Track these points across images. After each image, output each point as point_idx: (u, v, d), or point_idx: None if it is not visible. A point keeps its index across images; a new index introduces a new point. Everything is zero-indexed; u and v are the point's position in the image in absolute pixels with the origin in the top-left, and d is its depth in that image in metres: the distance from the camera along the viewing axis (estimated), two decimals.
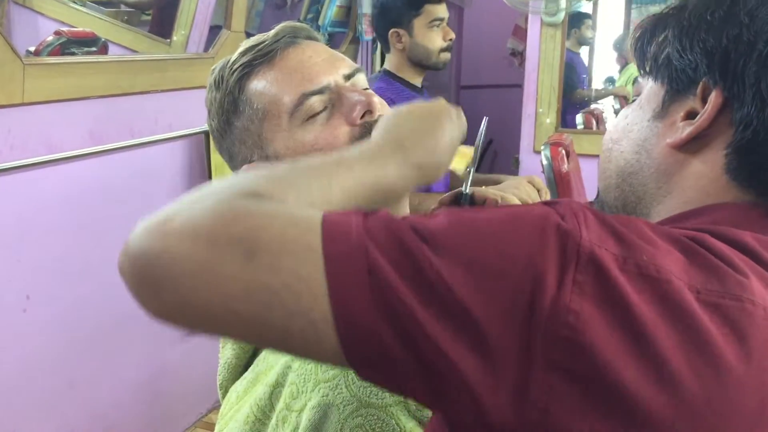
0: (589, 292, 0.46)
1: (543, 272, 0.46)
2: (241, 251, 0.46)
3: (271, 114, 0.80)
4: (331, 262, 0.46)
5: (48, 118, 1.86)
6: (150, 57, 2.31)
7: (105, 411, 2.16)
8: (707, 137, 0.59)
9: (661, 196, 0.63)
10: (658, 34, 0.64)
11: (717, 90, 0.58)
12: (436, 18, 2.13)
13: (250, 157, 0.83)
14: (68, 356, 2.01)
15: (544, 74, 3.09)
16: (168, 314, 0.48)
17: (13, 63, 1.70)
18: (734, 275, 0.50)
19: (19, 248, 1.83)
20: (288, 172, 0.56)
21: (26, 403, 1.89)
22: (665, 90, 0.63)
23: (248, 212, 0.48)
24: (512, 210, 0.51)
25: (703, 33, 0.59)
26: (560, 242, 0.47)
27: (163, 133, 2.27)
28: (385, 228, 0.48)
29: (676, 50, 0.61)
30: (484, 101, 4.71)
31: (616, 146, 0.67)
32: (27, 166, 1.81)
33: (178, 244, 0.47)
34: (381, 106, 0.83)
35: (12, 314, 1.83)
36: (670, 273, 0.48)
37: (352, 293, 0.46)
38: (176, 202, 0.50)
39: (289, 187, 0.54)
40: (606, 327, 0.45)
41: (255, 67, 0.81)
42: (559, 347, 0.45)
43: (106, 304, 2.12)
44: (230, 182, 0.52)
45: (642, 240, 0.50)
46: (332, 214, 0.49)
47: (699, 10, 0.61)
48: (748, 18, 0.57)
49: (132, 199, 2.19)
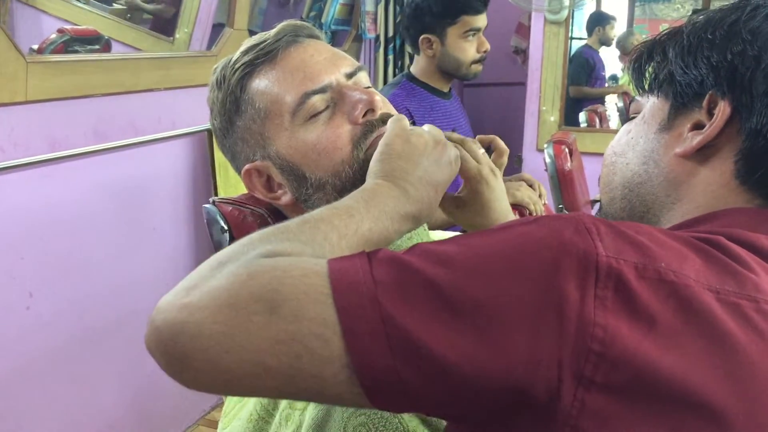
0: (611, 306, 0.47)
1: (564, 293, 0.47)
2: (264, 306, 0.48)
3: (273, 113, 0.80)
4: (344, 316, 0.48)
5: (51, 116, 1.86)
6: (153, 55, 2.32)
7: (108, 407, 2.17)
8: (715, 146, 0.62)
9: (670, 203, 0.65)
10: (656, 56, 0.67)
11: (725, 101, 0.61)
12: (471, 28, 1.96)
13: (252, 157, 0.83)
14: (71, 353, 2.01)
15: (547, 72, 3.08)
16: (201, 382, 0.50)
17: (16, 61, 1.70)
18: (750, 276, 0.52)
19: (23, 246, 1.83)
20: (299, 231, 0.58)
21: (29, 399, 1.89)
22: (670, 104, 0.65)
23: (264, 269, 0.50)
24: (524, 232, 0.51)
25: (706, 50, 0.62)
26: (577, 261, 0.48)
27: (167, 131, 2.28)
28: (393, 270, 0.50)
29: (680, 67, 0.64)
30: (488, 99, 4.71)
31: (621, 159, 0.69)
32: (30, 164, 1.82)
33: (200, 312, 0.49)
34: (383, 104, 0.82)
35: (15, 311, 1.83)
36: (688, 277, 0.49)
37: (369, 345, 0.47)
38: (195, 271, 0.53)
39: (301, 244, 0.56)
40: (635, 335, 0.47)
41: (257, 66, 0.81)
42: (591, 362, 0.46)
43: (109, 301, 2.12)
44: (243, 245, 0.55)
45: (657, 245, 0.51)
46: (338, 262, 0.51)
47: (698, 31, 0.64)
48: (750, 35, 0.60)
49: (135, 197, 2.19)
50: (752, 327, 0.49)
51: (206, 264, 0.53)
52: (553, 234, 0.50)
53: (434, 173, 0.70)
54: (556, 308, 0.47)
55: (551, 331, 0.47)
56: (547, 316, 0.47)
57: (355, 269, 0.50)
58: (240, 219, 0.86)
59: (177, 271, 2.42)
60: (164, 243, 2.34)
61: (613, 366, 0.46)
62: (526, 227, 0.52)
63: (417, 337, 0.47)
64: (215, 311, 0.48)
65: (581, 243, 0.48)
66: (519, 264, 0.49)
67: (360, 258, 0.51)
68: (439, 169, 0.71)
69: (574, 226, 0.50)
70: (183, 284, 0.52)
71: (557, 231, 0.50)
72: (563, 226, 0.50)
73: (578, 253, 0.48)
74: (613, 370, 0.46)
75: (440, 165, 0.71)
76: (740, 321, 0.49)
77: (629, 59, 0.71)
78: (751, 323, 0.50)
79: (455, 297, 0.48)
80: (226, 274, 0.50)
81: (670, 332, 0.47)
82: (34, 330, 1.89)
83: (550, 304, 0.47)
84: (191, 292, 0.50)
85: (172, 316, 0.50)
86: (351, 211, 0.62)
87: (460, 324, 0.47)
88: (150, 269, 2.28)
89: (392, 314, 0.47)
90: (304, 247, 0.56)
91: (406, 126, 0.73)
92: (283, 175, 0.82)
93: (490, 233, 0.53)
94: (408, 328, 0.47)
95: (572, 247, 0.48)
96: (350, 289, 0.49)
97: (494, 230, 0.53)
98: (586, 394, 0.46)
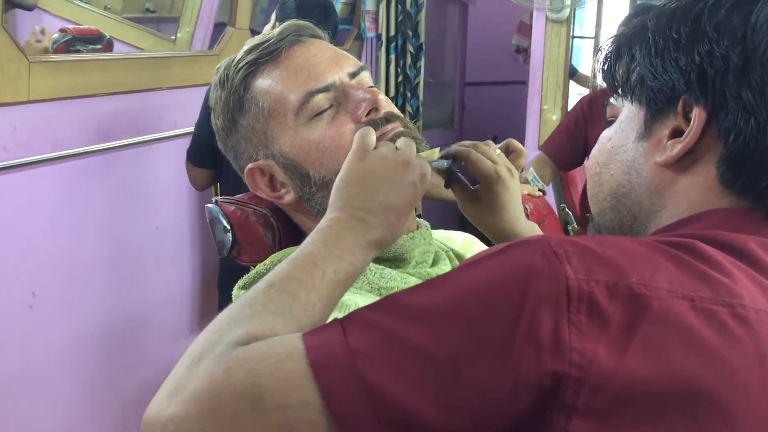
0: (586, 329, 0.47)
1: (538, 323, 0.47)
2: (246, 403, 0.48)
3: (276, 112, 0.80)
4: (329, 396, 0.48)
5: (53, 116, 1.86)
6: (155, 54, 2.32)
7: (111, 408, 2.17)
8: (696, 152, 0.59)
9: (656, 211, 0.63)
10: (624, 55, 0.64)
11: (699, 107, 0.58)
12: None
13: (256, 156, 0.83)
14: (74, 353, 2.01)
15: (549, 71, 3.08)
16: None
17: (18, 61, 1.70)
18: (722, 280, 0.51)
19: (25, 245, 1.83)
20: (267, 300, 0.57)
21: (32, 399, 1.90)
22: (645, 111, 0.63)
23: (239, 363, 0.50)
24: (493, 266, 0.52)
25: (673, 52, 0.59)
26: (547, 288, 0.48)
27: (168, 131, 2.27)
28: (369, 335, 0.50)
29: (649, 71, 0.61)
30: (489, 98, 4.70)
31: (605, 170, 0.67)
32: (33, 164, 1.81)
33: (186, 423, 0.49)
34: (387, 104, 0.83)
35: (18, 311, 1.83)
36: (661, 288, 0.49)
37: (357, 420, 0.48)
38: (174, 371, 0.53)
39: (272, 317, 0.55)
40: (613, 355, 0.47)
41: (260, 65, 0.81)
42: (571, 389, 0.46)
43: (112, 300, 2.12)
44: (214, 332, 0.55)
45: (627, 258, 0.51)
46: (313, 338, 0.51)
47: (662, 29, 0.61)
48: (716, 33, 0.57)
49: (138, 197, 2.19)
50: (729, 333, 0.49)
51: (183, 361, 0.53)
52: (521, 264, 0.50)
53: (395, 197, 0.67)
54: (532, 340, 0.47)
55: (530, 362, 0.47)
56: (524, 350, 0.47)
57: (331, 343, 0.50)
58: (243, 218, 0.87)
59: (180, 270, 2.42)
60: (167, 242, 2.34)
61: (592, 390, 0.46)
62: (495, 260, 0.52)
63: (402, 406, 0.47)
64: (200, 419, 0.49)
65: (549, 269, 0.49)
66: (491, 302, 0.49)
67: (334, 329, 0.51)
68: (400, 192, 0.67)
69: (541, 252, 0.50)
70: (165, 389, 0.52)
71: (525, 260, 0.50)
72: (530, 253, 0.50)
73: (548, 280, 0.48)
74: (594, 394, 0.46)
75: (402, 187, 0.68)
76: (717, 328, 0.49)
77: (597, 59, 0.68)
78: (728, 329, 0.49)
79: (434, 352, 0.48)
80: (204, 374, 0.50)
81: (648, 347, 0.47)
82: (36, 329, 1.89)
83: (527, 336, 0.47)
84: (173, 399, 0.50)
85: (158, 413, 0.51)
86: (313, 259, 0.61)
87: (443, 378, 0.48)
88: (153, 269, 2.28)
89: (375, 386, 0.48)
90: (275, 320, 0.55)
91: (367, 144, 0.70)
92: (287, 173, 0.82)
93: (459, 273, 0.53)
94: (392, 397, 0.47)
95: (541, 275, 0.49)
96: (330, 366, 0.49)
97: (464, 268, 0.54)
98: (570, 422, 0.47)
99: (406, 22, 3.50)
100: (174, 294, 2.43)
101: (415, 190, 0.69)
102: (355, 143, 0.71)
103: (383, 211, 0.66)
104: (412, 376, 0.48)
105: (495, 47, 4.39)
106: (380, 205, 0.66)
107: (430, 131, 3.91)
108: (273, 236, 0.86)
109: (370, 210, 0.65)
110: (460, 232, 1.03)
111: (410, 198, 0.68)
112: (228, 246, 0.87)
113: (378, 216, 0.65)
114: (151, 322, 2.31)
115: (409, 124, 0.85)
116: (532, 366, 0.47)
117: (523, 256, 0.51)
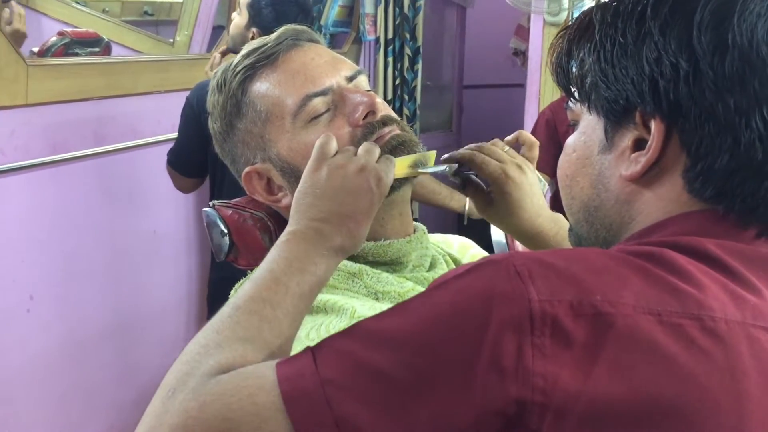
0: (550, 352, 0.47)
1: (501, 348, 0.47)
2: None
3: (274, 116, 0.81)
4: (299, 427, 0.49)
5: (51, 119, 1.86)
6: (153, 58, 2.32)
7: (108, 411, 2.17)
8: (662, 163, 0.57)
9: (626, 223, 0.61)
10: (575, 55, 0.62)
11: (657, 119, 0.55)
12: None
13: (253, 159, 0.84)
14: (72, 357, 2.01)
15: (546, 74, 3.08)
16: None
17: (16, 64, 1.70)
18: (691, 292, 0.50)
19: (23, 249, 1.83)
20: (235, 324, 0.58)
21: (30, 403, 1.89)
22: (604, 122, 0.60)
23: (213, 397, 0.51)
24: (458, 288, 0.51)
25: (622, 59, 0.56)
26: (509, 312, 0.47)
27: (166, 134, 2.27)
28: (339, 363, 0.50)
29: (601, 81, 0.58)
30: (487, 101, 4.70)
31: (574, 182, 0.65)
32: (31, 167, 1.82)
33: None
34: (383, 107, 0.83)
35: (16, 314, 1.83)
36: (626, 305, 0.48)
37: None
38: (151, 405, 0.54)
39: (242, 343, 0.56)
40: (577, 376, 0.46)
41: (258, 69, 0.82)
42: (535, 414, 0.46)
43: (110, 304, 2.12)
44: (186, 363, 0.56)
45: (593, 274, 0.50)
46: (285, 368, 0.52)
47: (608, 30, 0.58)
48: (661, 36, 0.54)
49: (135, 200, 2.19)
50: (697, 347, 0.48)
51: (159, 393, 0.54)
52: (485, 286, 0.50)
53: (350, 204, 0.67)
54: (495, 366, 0.47)
55: (494, 389, 0.47)
56: (488, 376, 0.47)
57: (302, 373, 0.50)
58: (240, 222, 0.87)
59: (177, 274, 2.42)
60: (164, 246, 2.34)
61: (556, 415, 0.46)
62: (460, 282, 0.52)
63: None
64: None
65: (512, 292, 0.48)
66: (454, 327, 0.49)
67: (306, 358, 0.51)
68: (356, 199, 0.67)
69: (505, 272, 0.49)
70: (144, 425, 0.53)
71: (488, 282, 0.50)
72: (494, 274, 0.50)
73: (510, 303, 0.48)
74: (559, 419, 0.46)
75: (357, 194, 0.68)
76: (684, 343, 0.47)
77: (549, 60, 0.65)
78: (696, 343, 0.48)
79: (400, 379, 0.48)
80: (180, 410, 0.51)
81: (613, 366, 0.46)
82: (34, 333, 1.89)
83: (490, 363, 0.47)
84: (159, 426, 0.52)
85: None
86: (274, 275, 0.61)
87: (409, 406, 0.48)
88: (150, 272, 2.28)
89: (343, 416, 0.48)
90: (245, 348, 0.56)
91: (325, 153, 0.70)
92: (284, 177, 0.82)
93: (427, 295, 0.53)
94: (360, 426, 0.48)
95: (503, 297, 0.48)
96: (300, 397, 0.49)
97: (431, 290, 0.53)
98: None
99: (404, 25, 3.51)
100: (171, 297, 2.42)
101: (371, 195, 0.68)
102: (314, 153, 0.71)
103: (340, 220, 0.66)
104: (379, 403, 0.48)
105: (493, 50, 4.39)
106: (336, 214, 0.66)
107: (427, 134, 3.91)
108: (270, 240, 0.86)
109: (325, 219, 0.66)
110: (457, 236, 1.03)
111: (367, 204, 0.68)
112: (225, 250, 0.87)
113: (335, 225, 0.66)
114: (148, 326, 2.31)
115: (406, 127, 0.85)
116: (496, 393, 0.46)
117: (487, 278, 0.50)
